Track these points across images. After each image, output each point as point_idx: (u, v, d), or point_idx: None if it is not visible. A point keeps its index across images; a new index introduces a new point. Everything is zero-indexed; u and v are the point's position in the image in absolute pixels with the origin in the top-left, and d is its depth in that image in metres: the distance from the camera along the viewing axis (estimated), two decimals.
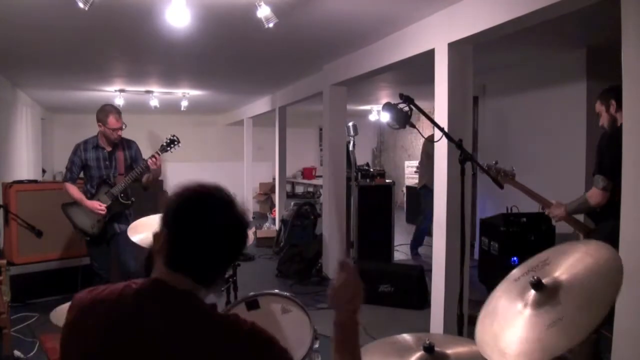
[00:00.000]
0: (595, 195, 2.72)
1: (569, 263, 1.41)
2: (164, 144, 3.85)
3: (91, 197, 3.73)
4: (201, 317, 1.11)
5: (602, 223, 2.82)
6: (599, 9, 2.71)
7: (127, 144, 3.91)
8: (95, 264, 3.90)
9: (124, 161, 3.83)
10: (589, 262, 1.38)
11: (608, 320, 2.31)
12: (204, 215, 1.14)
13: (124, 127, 3.77)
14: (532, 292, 1.37)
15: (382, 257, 5.89)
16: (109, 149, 3.80)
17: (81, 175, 3.85)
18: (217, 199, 1.18)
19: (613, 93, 2.86)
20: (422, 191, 6.44)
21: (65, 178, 3.80)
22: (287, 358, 1.15)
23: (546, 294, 1.36)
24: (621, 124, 2.73)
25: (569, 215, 2.92)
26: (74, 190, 3.76)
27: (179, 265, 1.13)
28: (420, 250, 7.20)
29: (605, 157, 2.71)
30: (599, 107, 2.96)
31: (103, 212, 3.68)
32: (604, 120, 2.91)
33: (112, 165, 3.80)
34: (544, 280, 1.37)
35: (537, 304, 1.36)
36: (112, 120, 3.68)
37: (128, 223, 3.60)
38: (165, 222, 1.16)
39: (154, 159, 3.67)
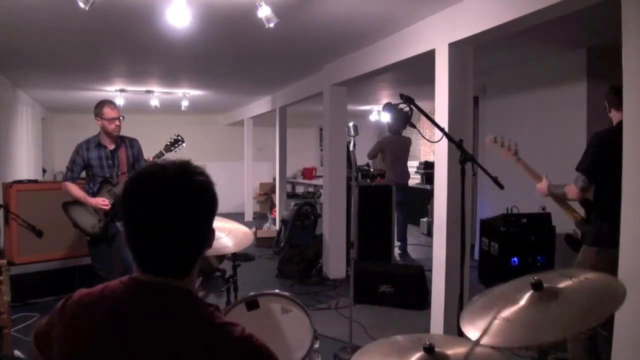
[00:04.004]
0: (572, 192, 2.81)
1: (576, 283, 1.46)
2: (169, 143, 3.84)
3: (93, 195, 3.72)
4: (183, 318, 1.03)
5: (593, 220, 2.83)
6: (599, 9, 2.71)
7: (129, 143, 3.89)
8: (96, 264, 3.88)
9: (126, 160, 3.82)
10: (592, 288, 1.43)
11: (608, 320, 2.32)
12: (149, 193, 1.04)
13: (122, 119, 3.76)
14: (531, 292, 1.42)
15: (382, 257, 5.89)
16: (111, 147, 3.78)
17: (82, 175, 3.84)
18: (164, 173, 1.05)
19: (608, 94, 2.91)
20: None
21: (66, 177, 3.78)
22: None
23: (545, 295, 1.40)
24: (616, 124, 2.78)
25: (549, 195, 3.04)
26: (75, 189, 3.73)
27: (141, 261, 1.07)
28: (421, 250, 7.21)
29: (589, 157, 2.76)
30: (607, 108, 3.00)
31: (107, 207, 3.67)
32: (611, 120, 2.94)
33: (115, 164, 3.78)
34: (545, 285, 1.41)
35: (534, 303, 1.39)
36: (107, 110, 3.67)
37: None
38: (121, 215, 1.09)
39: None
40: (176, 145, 3.85)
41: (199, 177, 1.08)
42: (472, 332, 1.39)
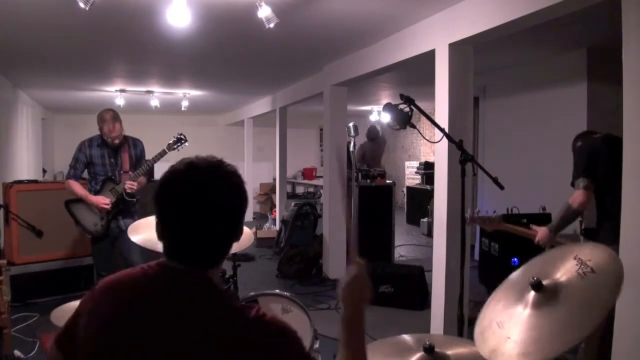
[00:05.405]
0: (577, 196, 2.69)
1: (568, 267, 1.42)
2: (171, 142, 3.84)
3: (95, 194, 3.71)
4: (208, 300, 1.08)
5: (602, 224, 2.81)
6: (599, 9, 2.71)
7: (132, 142, 3.89)
8: (98, 264, 3.87)
9: (129, 159, 3.82)
10: (587, 268, 1.39)
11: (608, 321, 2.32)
12: (184, 193, 1.09)
13: (122, 132, 3.78)
14: (532, 293, 1.39)
15: (382, 257, 5.89)
16: (113, 146, 3.79)
17: (84, 175, 3.85)
18: (200, 172, 1.10)
19: (576, 139, 2.99)
20: None
21: (69, 175, 3.78)
22: (301, 346, 1.11)
23: (546, 295, 1.37)
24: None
25: (556, 232, 2.85)
26: (77, 187, 3.73)
27: (172, 253, 1.10)
28: (421, 250, 7.22)
29: (581, 162, 2.73)
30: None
31: (107, 207, 3.67)
32: None
33: (117, 163, 3.79)
34: (544, 282, 1.38)
35: (537, 305, 1.37)
36: (105, 130, 3.68)
37: (134, 219, 3.58)
38: (155, 208, 1.12)
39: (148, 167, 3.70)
40: (179, 144, 3.84)
41: (230, 175, 1.13)
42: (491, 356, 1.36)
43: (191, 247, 1.09)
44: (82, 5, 2.70)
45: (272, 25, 3.10)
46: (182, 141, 3.85)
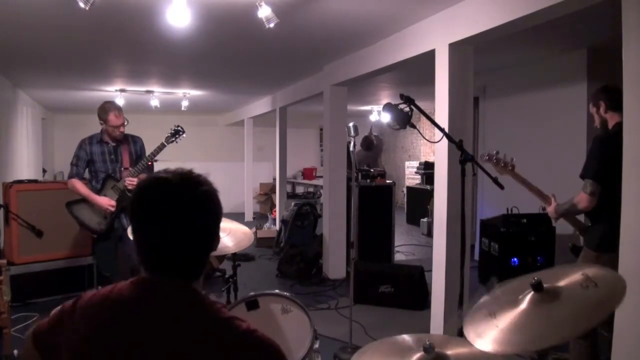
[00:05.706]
0: (582, 200, 2.70)
1: (573, 278, 1.45)
2: (169, 134, 3.82)
3: (97, 192, 3.69)
4: (191, 313, 1.06)
5: (595, 225, 2.82)
6: (599, 9, 2.71)
7: (132, 140, 3.88)
8: (100, 264, 3.86)
9: (129, 156, 3.81)
10: (592, 283, 1.41)
11: (608, 321, 2.32)
12: (157, 206, 1.09)
13: (126, 123, 3.75)
14: (531, 293, 1.41)
15: (382, 257, 5.89)
16: (113, 143, 3.79)
17: (85, 175, 3.84)
18: (170, 185, 1.10)
19: (602, 94, 2.87)
20: None
21: (71, 174, 3.75)
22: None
23: (544, 296, 1.39)
24: (613, 127, 2.75)
25: (560, 216, 2.91)
26: (81, 186, 3.71)
27: (153, 267, 1.09)
28: (421, 250, 7.21)
29: (596, 161, 2.71)
30: (592, 108, 2.96)
31: (113, 209, 3.66)
32: (597, 122, 2.92)
33: (118, 160, 3.78)
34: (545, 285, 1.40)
35: (533, 303, 1.39)
36: (112, 117, 3.66)
37: None
38: (130, 224, 1.13)
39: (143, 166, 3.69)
40: (177, 136, 3.82)
41: (203, 187, 1.12)
42: (474, 338, 1.38)
43: (170, 259, 1.09)
44: (82, 5, 2.70)
45: (272, 25, 3.09)
46: (180, 133, 3.83)
